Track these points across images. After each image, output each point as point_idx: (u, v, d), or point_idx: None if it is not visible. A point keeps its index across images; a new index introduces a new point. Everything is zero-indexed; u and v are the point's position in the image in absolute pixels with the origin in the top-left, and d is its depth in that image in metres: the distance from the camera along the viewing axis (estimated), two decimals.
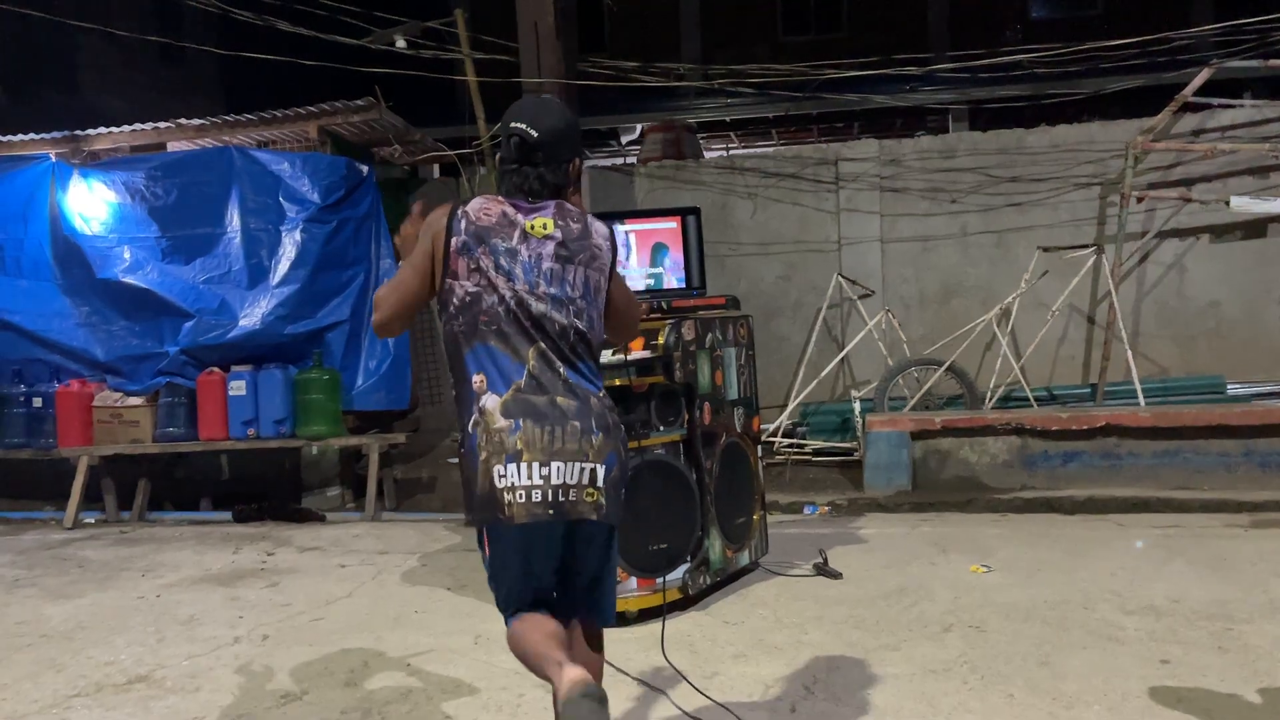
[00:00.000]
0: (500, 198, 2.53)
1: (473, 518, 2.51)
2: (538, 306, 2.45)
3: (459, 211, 2.48)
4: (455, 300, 2.46)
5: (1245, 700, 3.23)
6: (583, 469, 2.42)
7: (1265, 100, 9.27)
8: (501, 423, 2.39)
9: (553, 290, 2.48)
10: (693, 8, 17.01)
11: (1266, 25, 8.77)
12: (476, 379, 2.43)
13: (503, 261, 2.45)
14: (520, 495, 2.38)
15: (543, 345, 2.45)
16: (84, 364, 7.62)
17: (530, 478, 2.38)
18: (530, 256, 2.47)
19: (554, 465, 2.39)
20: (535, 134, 2.50)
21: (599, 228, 2.61)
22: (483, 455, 2.40)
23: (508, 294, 2.44)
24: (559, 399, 2.43)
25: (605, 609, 2.62)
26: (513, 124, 2.52)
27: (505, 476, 2.38)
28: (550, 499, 2.40)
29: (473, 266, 2.44)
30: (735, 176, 9.14)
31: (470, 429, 2.44)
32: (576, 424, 2.42)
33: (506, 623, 2.52)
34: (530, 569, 2.47)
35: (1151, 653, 3.67)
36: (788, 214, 9.03)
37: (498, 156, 2.60)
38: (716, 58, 14.82)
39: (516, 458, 2.38)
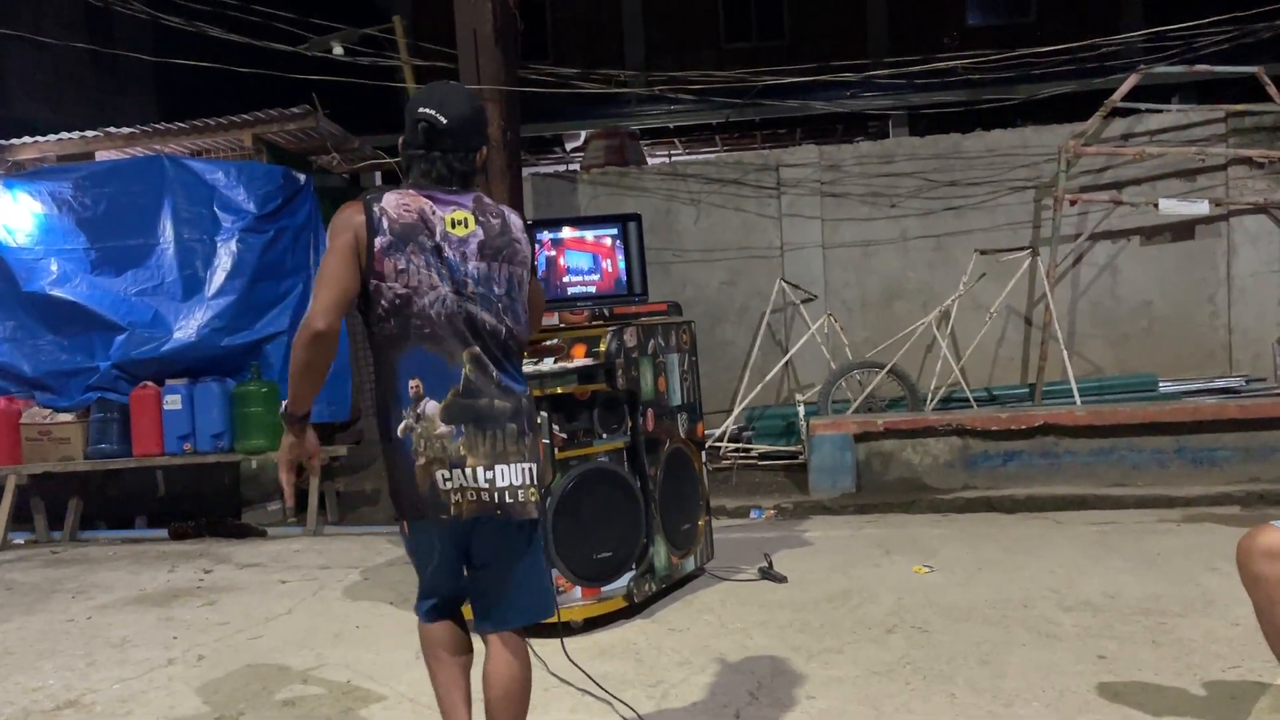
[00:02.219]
0: (414, 192, 2.47)
1: (412, 514, 2.50)
2: (468, 307, 2.44)
3: (376, 209, 2.41)
4: (384, 303, 2.40)
5: (1179, 693, 3.29)
6: (524, 469, 2.46)
7: (1192, 104, 9.53)
8: (443, 429, 2.39)
9: (480, 289, 2.47)
10: (635, 14, 17.04)
11: (1192, 31, 9.02)
12: (413, 383, 2.40)
13: (431, 260, 2.41)
14: (470, 495, 2.41)
15: (476, 348, 2.44)
16: (10, 380, 7.39)
17: (476, 481, 2.41)
18: (456, 255, 2.44)
19: (498, 469, 2.42)
20: (444, 120, 2.45)
21: (516, 221, 2.59)
22: (420, 460, 2.40)
23: (438, 295, 2.41)
24: (496, 401, 2.44)
25: (547, 601, 2.67)
26: (420, 109, 2.46)
27: (450, 479, 2.40)
28: (498, 500, 2.43)
29: (400, 267, 2.39)
30: (678, 183, 9.16)
31: (402, 434, 2.42)
32: (513, 426, 2.46)
33: (420, 609, 2.66)
34: (454, 564, 2.57)
35: (1089, 649, 3.73)
36: (731, 220, 9.07)
37: (401, 141, 2.55)
38: (659, 63, 14.88)
39: (460, 463, 2.39)
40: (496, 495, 2.42)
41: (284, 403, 2.54)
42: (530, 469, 2.48)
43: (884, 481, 6.89)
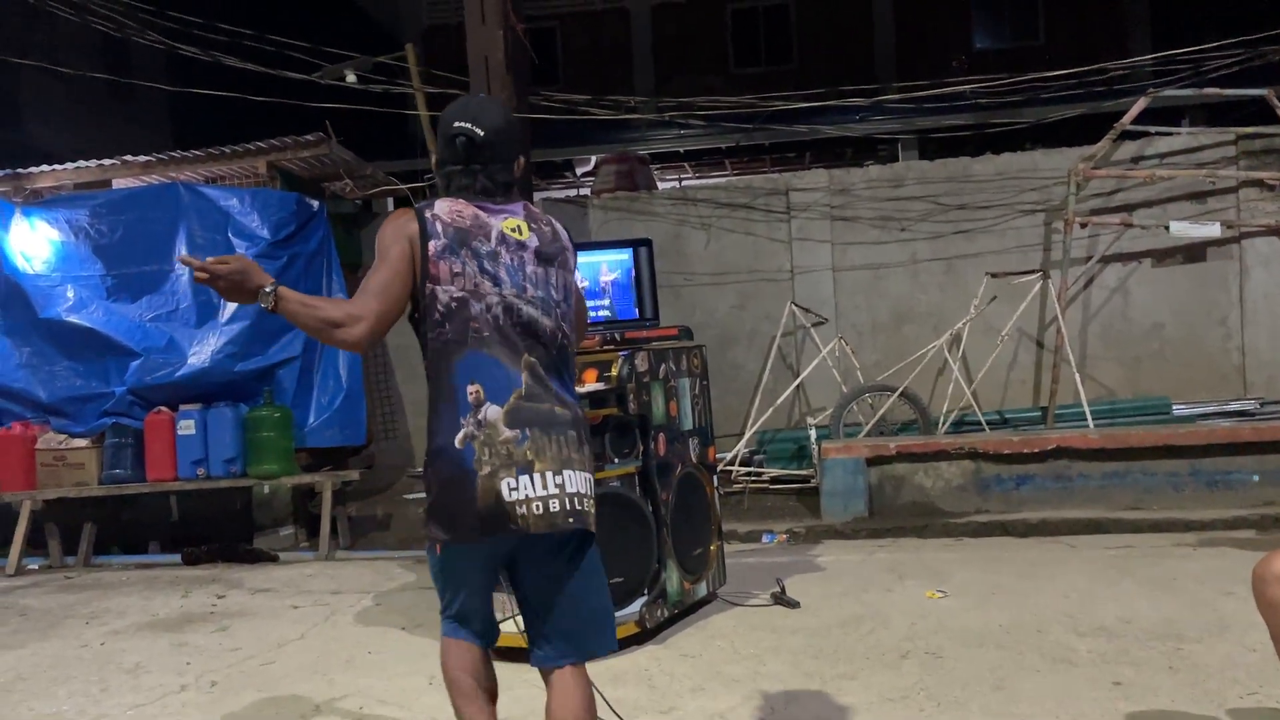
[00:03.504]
0: (464, 201, 2.42)
1: (459, 535, 2.31)
2: (527, 311, 2.38)
3: (428, 215, 2.36)
4: (440, 307, 2.32)
5: (1196, 719, 3.26)
6: (585, 478, 2.39)
7: (1202, 127, 9.55)
8: (507, 433, 2.28)
9: (539, 294, 2.41)
10: (645, 41, 17.20)
11: (1201, 54, 9.05)
12: (472, 389, 2.29)
13: (487, 265, 2.35)
14: (537, 507, 2.29)
15: (531, 355, 2.37)
16: (26, 406, 7.44)
17: (546, 487, 2.30)
18: (513, 260, 2.39)
19: (566, 473, 2.33)
20: (481, 133, 2.40)
21: (562, 230, 2.57)
22: (484, 470, 2.27)
23: (495, 299, 2.35)
24: (556, 408, 2.37)
25: (611, 631, 2.55)
26: (456, 124, 2.42)
27: (517, 489, 2.27)
28: (570, 507, 2.33)
29: (456, 270, 2.32)
30: (688, 207, 9.20)
31: (460, 443, 2.28)
32: (573, 433, 2.39)
33: (447, 629, 2.53)
34: (489, 588, 2.47)
35: (1104, 674, 3.70)
36: (741, 244, 9.10)
37: (435, 159, 2.50)
38: (668, 89, 14.99)
39: (528, 468, 2.29)
40: (568, 501, 2.32)
41: (279, 291, 2.26)
42: (590, 479, 2.40)
43: (896, 505, 6.87)
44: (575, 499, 2.34)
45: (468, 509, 2.28)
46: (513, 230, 2.42)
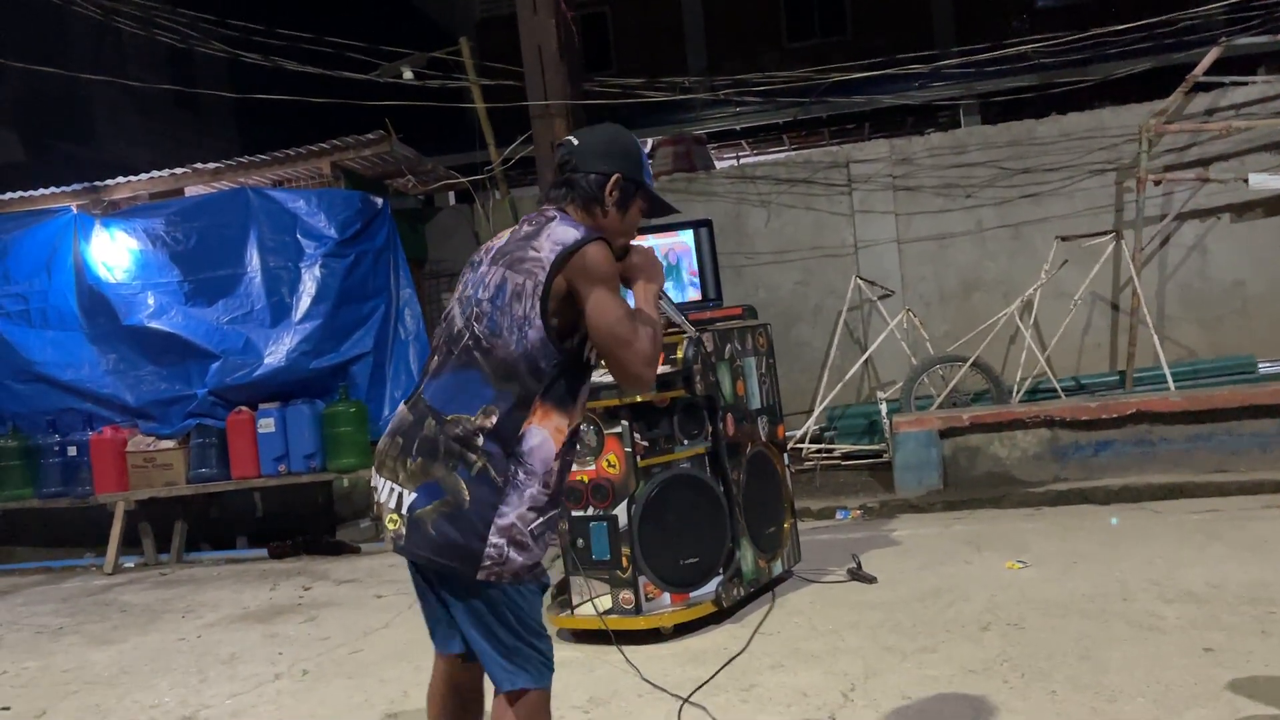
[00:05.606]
0: (532, 215, 2.42)
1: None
2: (455, 314, 2.35)
3: None
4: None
5: None
6: (392, 490, 2.22)
7: (1278, 75, 9.18)
8: (384, 439, 2.33)
9: (470, 293, 2.33)
10: (696, 20, 17.09)
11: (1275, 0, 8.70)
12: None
13: (468, 284, 2.37)
14: (390, 516, 2.24)
15: (449, 359, 2.28)
16: (115, 410, 7.72)
17: (388, 498, 2.24)
18: (485, 263, 2.37)
19: (399, 489, 2.22)
20: (575, 141, 2.44)
21: (555, 234, 2.24)
22: (375, 463, 2.34)
23: (456, 312, 2.34)
24: (406, 414, 2.30)
25: (497, 675, 2.23)
26: (563, 138, 2.51)
27: (379, 491, 2.28)
28: (397, 527, 2.23)
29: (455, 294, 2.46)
30: (747, 185, 9.15)
31: None
32: (399, 440, 2.25)
33: None
34: (430, 601, 2.39)
35: (1194, 641, 3.62)
36: (802, 219, 9.02)
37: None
38: (722, 68, 14.88)
39: (379, 473, 2.29)
40: (399, 519, 2.20)
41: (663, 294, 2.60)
42: (399, 494, 2.20)
43: (971, 477, 6.78)
44: (403, 518, 2.20)
45: None
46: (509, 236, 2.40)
